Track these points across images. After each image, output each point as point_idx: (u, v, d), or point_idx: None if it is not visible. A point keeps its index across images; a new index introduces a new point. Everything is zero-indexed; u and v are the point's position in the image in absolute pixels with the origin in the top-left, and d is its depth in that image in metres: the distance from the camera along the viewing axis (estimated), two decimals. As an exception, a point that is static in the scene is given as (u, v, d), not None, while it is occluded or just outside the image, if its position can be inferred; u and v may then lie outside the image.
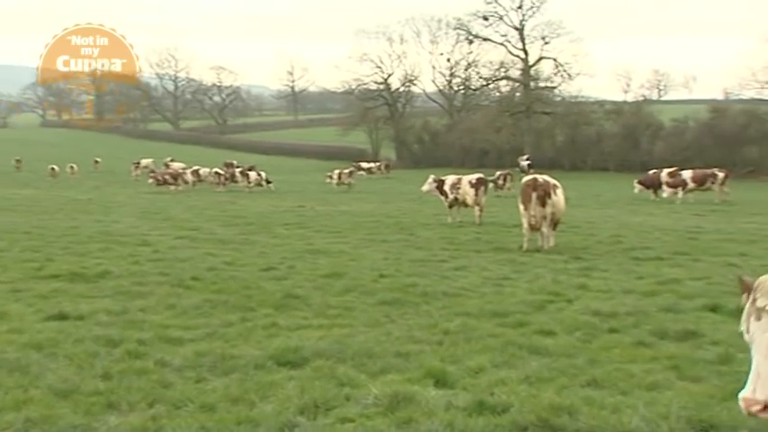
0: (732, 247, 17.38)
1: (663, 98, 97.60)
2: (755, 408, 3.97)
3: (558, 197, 17.29)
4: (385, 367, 7.63)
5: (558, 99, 75.37)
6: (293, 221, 24.17)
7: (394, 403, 6.37)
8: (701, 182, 33.63)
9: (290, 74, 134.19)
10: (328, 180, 47.61)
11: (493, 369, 7.56)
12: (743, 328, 4.17)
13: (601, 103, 75.46)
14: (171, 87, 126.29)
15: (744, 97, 63.32)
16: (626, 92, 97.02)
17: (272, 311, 10.24)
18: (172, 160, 60.37)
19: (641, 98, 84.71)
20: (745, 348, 8.27)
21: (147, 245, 17.56)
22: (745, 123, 59.38)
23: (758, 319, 4.05)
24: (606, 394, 6.70)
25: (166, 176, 43.97)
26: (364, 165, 62.47)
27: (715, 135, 59.11)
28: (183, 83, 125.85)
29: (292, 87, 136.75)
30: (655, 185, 34.54)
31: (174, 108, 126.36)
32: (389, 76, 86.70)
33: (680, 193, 33.26)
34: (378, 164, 64.78)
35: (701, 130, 61.51)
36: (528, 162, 58.07)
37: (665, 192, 33.50)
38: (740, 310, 10.21)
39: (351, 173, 46.76)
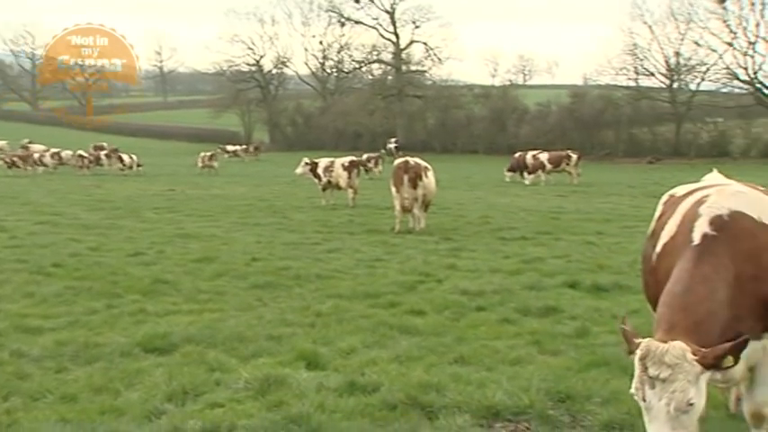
0: (590, 226, 18.24)
1: (528, 83, 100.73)
2: None
3: (430, 179, 17.59)
4: (256, 351, 7.57)
5: (429, 83, 76.50)
6: (163, 205, 23.52)
7: (265, 386, 6.35)
8: (556, 163, 35.04)
9: (158, 53, 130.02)
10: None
11: (364, 349, 7.64)
12: (637, 394, 4.19)
13: (470, 87, 77.16)
14: (28, 65, 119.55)
15: (601, 83, 66.29)
16: (493, 76, 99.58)
17: (139, 297, 9.95)
18: (30, 142, 57.26)
19: (508, 83, 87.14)
20: (601, 322, 8.78)
21: (4, 231, 16.66)
22: (602, 108, 62.28)
23: (652, 387, 4.11)
24: (472, 370, 6.90)
25: (14, 158, 41.58)
26: (230, 148, 61.28)
27: (575, 119, 61.69)
28: (41, 61, 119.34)
29: (161, 68, 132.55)
30: (521, 167, 35.71)
31: (33, 87, 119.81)
32: (261, 57, 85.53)
33: (542, 176, 34.54)
34: (243, 147, 63.63)
35: (562, 114, 64.00)
36: (395, 145, 58.61)
37: (527, 179, 34.68)
38: (596, 287, 10.75)
39: (212, 156, 45.53)
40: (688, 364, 4.01)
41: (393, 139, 61.10)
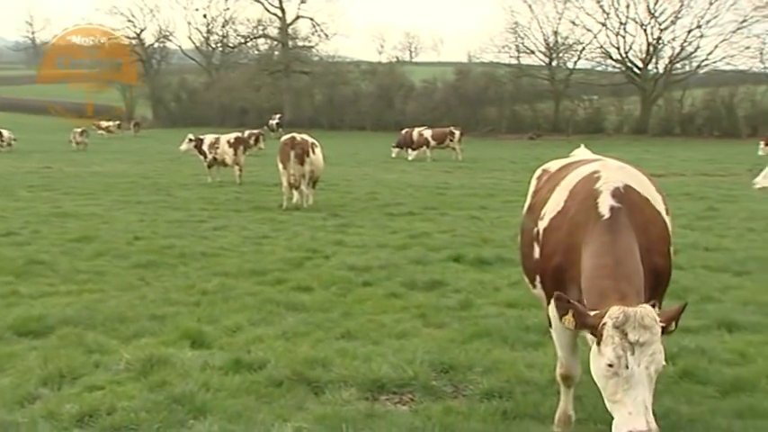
0: (474, 201, 18.62)
1: (414, 60, 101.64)
2: None
3: (317, 155, 17.50)
4: (138, 331, 7.37)
5: (316, 59, 75.95)
6: (38, 183, 22.49)
7: (147, 367, 6.19)
8: (440, 140, 35.59)
9: (30, 24, 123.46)
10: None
11: (250, 327, 7.57)
12: (618, 364, 3.96)
13: (357, 64, 77.12)
14: None
15: (484, 61, 67.62)
16: (380, 53, 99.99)
17: (12, 279, 9.50)
18: None
19: (394, 59, 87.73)
20: (484, 295, 9.00)
21: None
22: (486, 85, 63.56)
23: (633, 353, 3.97)
24: (359, 345, 6.95)
25: None
26: (103, 123, 58.82)
27: (460, 96, 62.66)
28: None
29: (32, 39, 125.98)
30: (408, 144, 36.03)
31: None
32: (142, 31, 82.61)
33: (427, 152, 34.99)
34: (117, 123, 60.93)
35: (447, 91, 64.89)
36: (277, 121, 57.90)
37: (410, 155, 35.04)
38: (479, 261, 10.98)
39: (83, 132, 43.58)
40: (658, 326, 4.02)
41: (277, 116, 60.23)
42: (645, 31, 59.04)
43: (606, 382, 4.05)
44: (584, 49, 62.77)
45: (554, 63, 63.94)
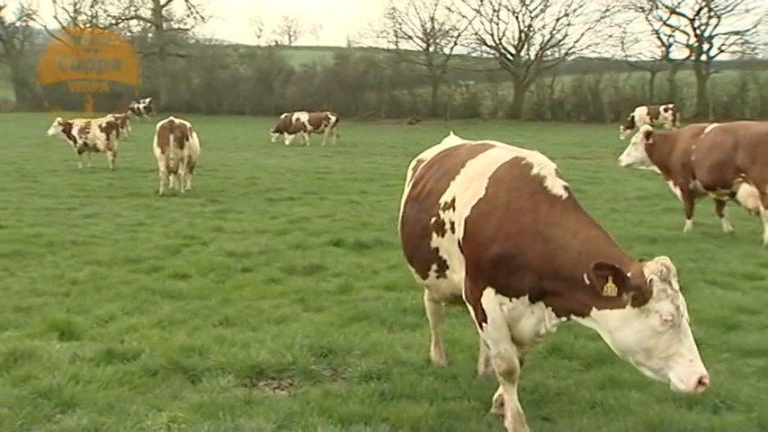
0: (354, 186, 18.70)
1: (293, 44, 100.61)
2: (706, 379, 4.05)
3: (194, 140, 17.21)
4: (2, 324, 7.03)
5: (193, 42, 74.00)
6: None
7: (11, 361, 5.90)
8: (317, 125, 35.53)
9: None
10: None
11: (124, 316, 7.34)
12: (678, 313, 4.03)
13: (235, 47, 75.65)
14: None
15: (363, 46, 67.81)
16: (258, 36, 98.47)
17: None
18: None
19: (273, 43, 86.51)
20: (363, 278, 9.06)
21: None
22: (365, 70, 63.81)
23: (681, 301, 4.10)
24: (237, 331, 6.86)
25: None
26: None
27: (340, 80, 62.65)
28: None
29: None
30: (287, 129, 35.73)
31: None
32: (2, 8, 77.99)
33: (306, 137, 34.84)
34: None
35: (327, 75, 64.75)
36: (145, 105, 56.04)
37: (287, 139, 34.80)
38: (359, 244, 11.03)
39: None
40: None
41: (147, 99, 58.09)
42: (517, 18, 60.72)
43: (659, 339, 4.05)
44: (459, 35, 64.00)
45: (431, 49, 64.86)
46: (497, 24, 61.59)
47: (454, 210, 4.99)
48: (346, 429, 4.77)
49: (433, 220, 5.16)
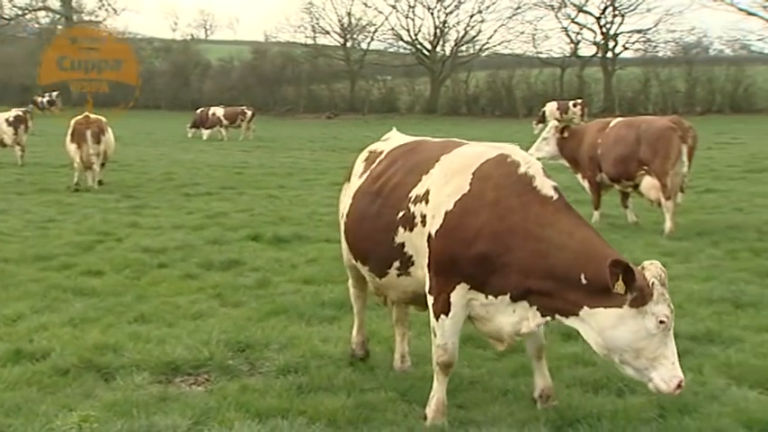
0: (273, 180, 18.54)
1: (210, 38, 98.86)
2: (683, 382, 4.25)
3: (110, 135, 16.85)
4: None
5: (105, 35, 71.87)
6: None
7: None
8: (233, 119, 35.11)
9: None
10: None
11: (33, 315, 7.09)
12: (671, 316, 4.22)
13: (149, 41, 73.83)
14: None
15: (281, 40, 67.23)
16: (174, 30, 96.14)
17: None
18: None
19: (189, 37, 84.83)
20: (281, 272, 9.00)
21: None
22: (283, 65, 63.30)
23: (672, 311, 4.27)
24: (153, 328, 6.71)
25: None
26: None
27: (257, 75, 61.96)
28: None
29: None
30: (203, 123, 35.16)
31: None
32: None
33: (223, 131, 34.37)
34: None
35: (245, 70, 63.91)
36: (49, 99, 54.08)
37: (204, 134, 34.27)
38: (277, 239, 10.94)
39: None
40: None
41: (53, 93, 55.97)
42: (432, 14, 61.20)
43: (650, 341, 4.19)
44: (376, 30, 64.10)
45: (349, 44, 64.79)
46: (413, 20, 62.01)
47: (427, 202, 4.83)
48: (263, 423, 4.72)
49: (401, 214, 4.97)
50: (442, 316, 4.74)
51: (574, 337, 6.42)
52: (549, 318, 4.57)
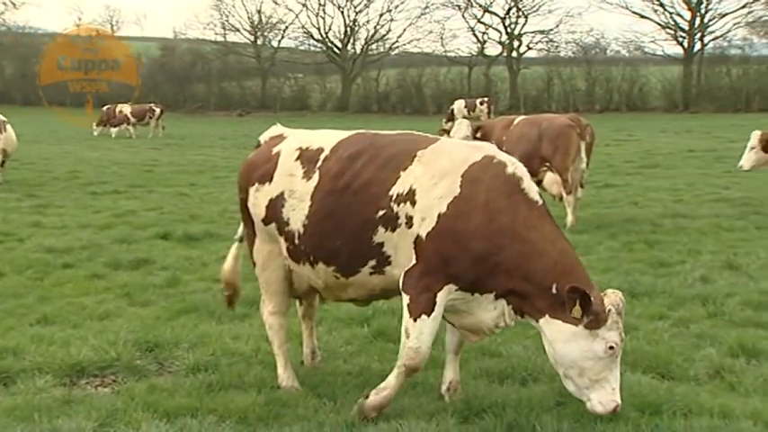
0: (183, 178, 18.19)
1: (116, 34, 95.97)
2: (619, 407, 4.43)
3: (10, 132, 16.19)
4: None
5: (4, 29, 68.83)
6: None
7: None
8: (140, 117, 34.25)
9: None
10: None
11: (-74, 320, 6.74)
12: (620, 345, 4.42)
13: (51, 36, 71.11)
14: None
15: (190, 37, 65.84)
16: (78, 25, 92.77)
17: None
18: None
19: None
20: (192, 271, 8.83)
21: None
22: (192, 62, 62.07)
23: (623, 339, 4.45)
24: (57, 330, 6.49)
25: None
26: None
27: (167, 72, 60.55)
28: None
29: None
30: (110, 120, 34.13)
31: None
32: None
33: (131, 129, 33.48)
34: None
35: (153, 67, 62.24)
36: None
37: (112, 132, 33.30)
38: (187, 237, 10.75)
39: None
40: None
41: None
42: (342, 13, 61.10)
43: (596, 363, 4.37)
44: (287, 28, 63.54)
45: (259, 41, 64.03)
46: (324, 18, 61.72)
47: (413, 204, 4.69)
48: (171, 423, 4.62)
49: (381, 212, 4.78)
50: (423, 316, 4.63)
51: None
52: (519, 316, 4.72)
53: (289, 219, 5.14)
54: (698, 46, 52.92)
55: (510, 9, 57.62)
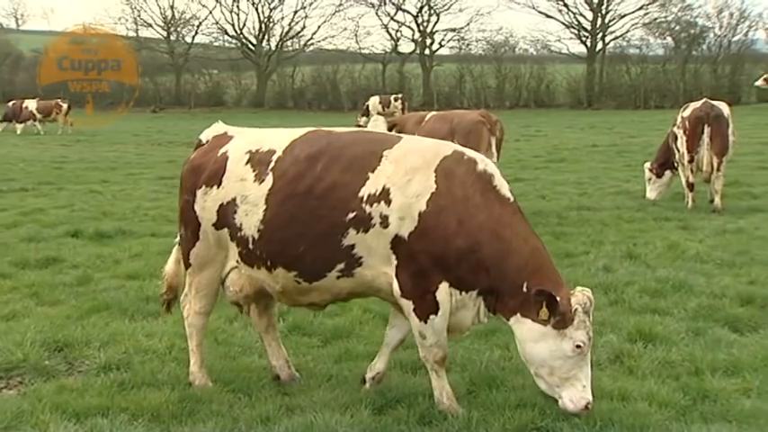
0: (95, 175, 17.67)
1: (22, 28, 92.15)
2: (591, 405, 4.43)
3: None
4: None
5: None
6: None
7: None
8: (47, 113, 33.07)
9: None
10: None
11: None
12: (588, 343, 4.40)
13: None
14: None
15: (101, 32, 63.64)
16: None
17: None
18: None
19: None
20: (103, 268, 8.58)
21: None
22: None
23: (591, 338, 4.44)
24: (-44, 334, 6.19)
25: None
26: None
27: (78, 68, 58.63)
28: None
29: None
30: (16, 116, 32.79)
31: None
32: None
33: (38, 125, 32.27)
34: None
35: (63, 62, 60.19)
36: None
37: (17, 128, 32.03)
38: (99, 234, 10.46)
39: None
40: None
41: None
42: (256, 9, 60.37)
43: (565, 362, 4.38)
44: (200, 24, 62.40)
45: (172, 37, 62.63)
46: (238, 15, 60.83)
47: (388, 203, 4.57)
48: (81, 423, 4.49)
49: (351, 215, 4.62)
50: (432, 316, 4.60)
51: (392, 321, 6.63)
52: (491, 314, 4.73)
53: (242, 224, 4.91)
54: (600, 45, 54.56)
55: (422, 7, 58.11)
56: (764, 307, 6.80)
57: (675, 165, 12.47)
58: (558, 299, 4.35)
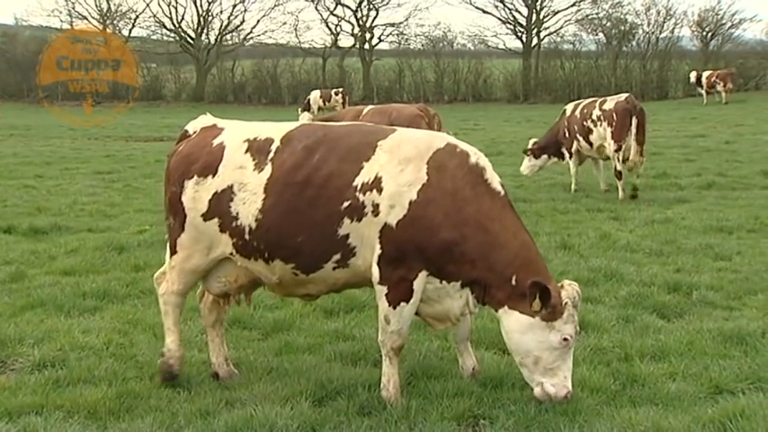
0: (29, 170, 17.17)
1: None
2: (570, 394, 4.58)
3: None
4: None
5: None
6: None
7: None
8: None
9: None
10: None
11: None
12: (574, 336, 4.55)
13: None
14: None
15: (33, 24, 61.90)
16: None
17: None
18: None
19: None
20: (38, 264, 8.35)
21: None
22: (37, 50, 58.31)
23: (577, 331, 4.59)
24: None
25: None
26: None
27: (8, 60, 56.78)
28: None
29: None
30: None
31: None
32: None
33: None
34: None
35: (-8, 55, 58.33)
36: None
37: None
38: (33, 230, 10.18)
39: None
40: None
41: None
42: (195, 2, 59.32)
43: (551, 353, 4.48)
44: (138, 17, 61.02)
45: (109, 30, 61.09)
46: (176, 8, 59.62)
47: (380, 191, 4.57)
48: (14, 422, 4.37)
49: (346, 204, 4.61)
50: (402, 303, 4.63)
51: (335, 313, 6.63)
52: (481, 304, 4.78)
53: (238, 213, 4.83)
54: (535, 41, 55.29)
55: (362, 2, 57.92)
56: (689, 294, 7.01)
57: (563, 154, 13.22)
58: (551, 292, 4.44)
